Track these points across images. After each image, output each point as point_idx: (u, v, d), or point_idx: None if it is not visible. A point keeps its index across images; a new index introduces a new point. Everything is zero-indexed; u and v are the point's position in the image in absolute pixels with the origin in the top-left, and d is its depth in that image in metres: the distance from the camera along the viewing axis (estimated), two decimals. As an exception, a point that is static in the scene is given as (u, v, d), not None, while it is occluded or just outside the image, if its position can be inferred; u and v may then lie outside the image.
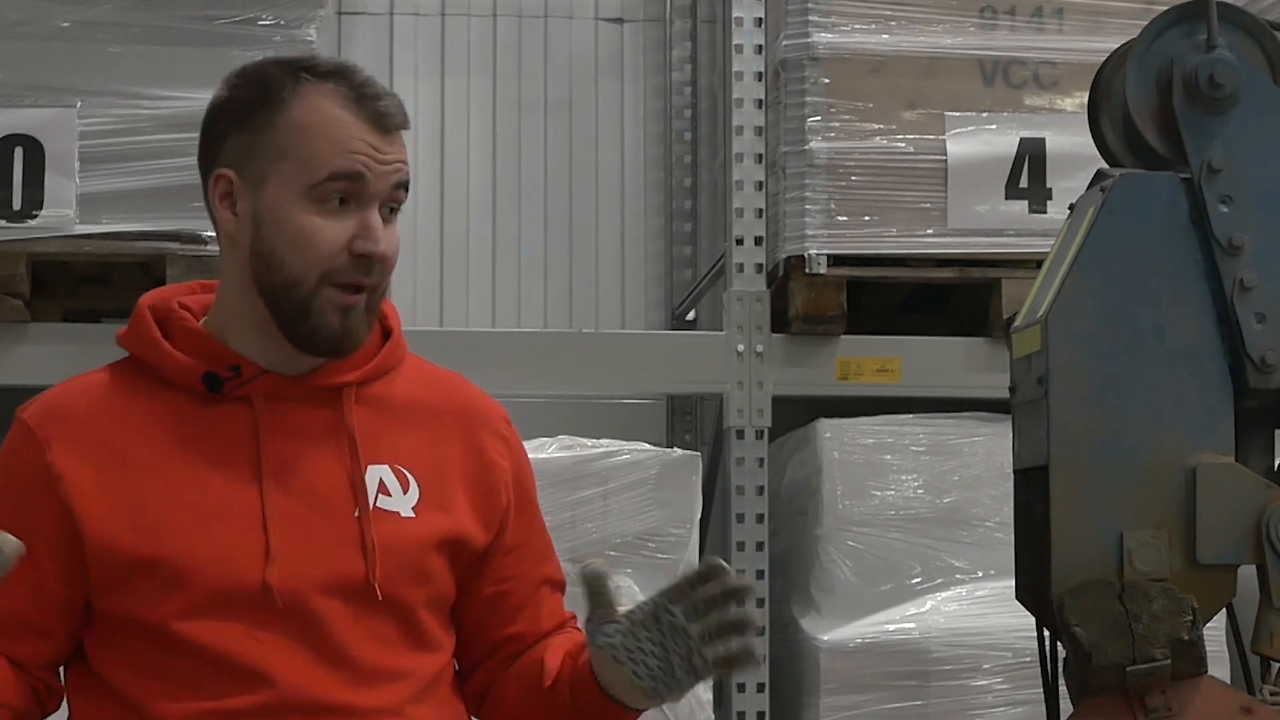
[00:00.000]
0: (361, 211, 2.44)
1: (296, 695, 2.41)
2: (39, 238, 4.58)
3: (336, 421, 2.51)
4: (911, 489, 4.85)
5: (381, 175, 2.44)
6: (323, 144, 2.43)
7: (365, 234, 2.43)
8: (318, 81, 2.47)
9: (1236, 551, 2.74)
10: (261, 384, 2.48)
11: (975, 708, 4.66)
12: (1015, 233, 4.94)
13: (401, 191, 2.48)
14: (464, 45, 6.22)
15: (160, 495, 2.42)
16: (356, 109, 2.45)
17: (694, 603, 2.39)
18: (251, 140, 2.46)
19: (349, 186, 2.43)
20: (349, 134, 2.44)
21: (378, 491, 2.51)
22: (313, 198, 2.42)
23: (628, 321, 6.20)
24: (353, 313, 2.45)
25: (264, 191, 2.45)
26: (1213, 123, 2.82)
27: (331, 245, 2.42)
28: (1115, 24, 4.94)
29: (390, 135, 2.47)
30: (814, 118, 4.92)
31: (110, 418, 2.48)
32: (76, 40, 4.63)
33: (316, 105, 2.45)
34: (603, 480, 4.61)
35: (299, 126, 2.44)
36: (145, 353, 2.51)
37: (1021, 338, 2.81)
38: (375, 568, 2.46)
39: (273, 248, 2.44)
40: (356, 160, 2.43)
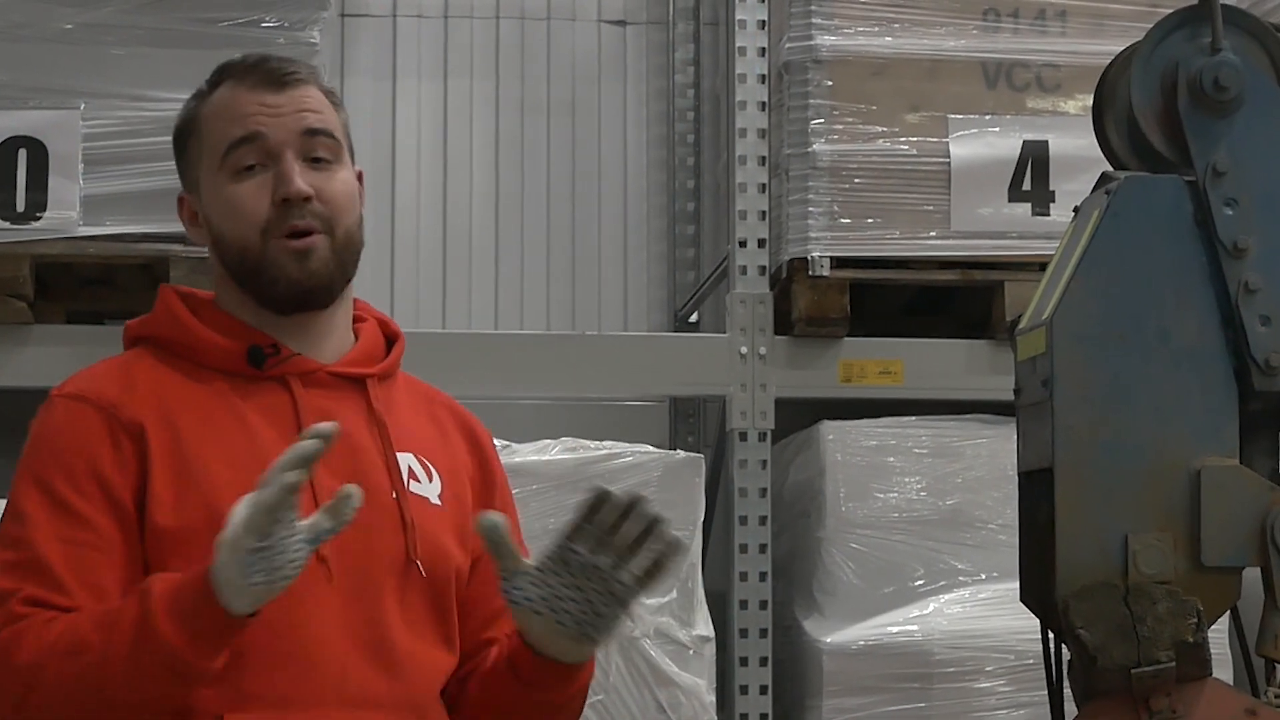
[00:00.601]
0: (277, 165, 2.52)
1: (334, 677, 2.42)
2: (42, 239, 4.58)
3: (364, 408, 2.56)
4: (914, 491, 4.85)
5: (279, 125, 2.53)
6: (221, 124, 2.55)
7: (279, 180, 2.51)
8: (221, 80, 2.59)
9: (1241, 554, 2.74)
10: (297, 363, 2.53)
11: (978, 710, 4.66)
12: (1018, 235, 4.94)
13: (321, 138, 2.55)
14: (467, 47, 6.21)
15: (216, 462, 2.44)
16: (244, 79, 2.57)
17: (595, 535, 2.38)
18: (186, 155, 2.61)
19: (252, 149, 2.53)
20: (239, 104, 2.55)
21: (409, 477, 2.55)
22: (226, 171, 2.53)
23: (630, 323, 6.20)
24: (310, 256, 2.51)
25: (201, 192, 2.58)
26: (1217, 125, 2.82)
27: (255, 203, 2.51)
28: (1118, 26, 4.94)
29: (286, 90, 2.56)
30: (817, 120, 4.92)
31: (154, 391, 2.49)
32: (80, 42, 4.63)
33: (216, 98, 2.58)
34: (605, 482, 4.55)
35: (206, 122, 2.57)
36: (178, 334, 2.55)
37: (1026, 340, 2.81)
38: (416, 546, 2.50)
39: (219, 230, 2.55)
40: (249, 122, 2.53)
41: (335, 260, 2.53)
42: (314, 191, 2.51)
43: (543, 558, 2.41)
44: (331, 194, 2.53)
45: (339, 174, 2.56)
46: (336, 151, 2.57)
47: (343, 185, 2.56)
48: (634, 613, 2.64)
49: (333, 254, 2.53)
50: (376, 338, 2.65)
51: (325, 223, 2.52)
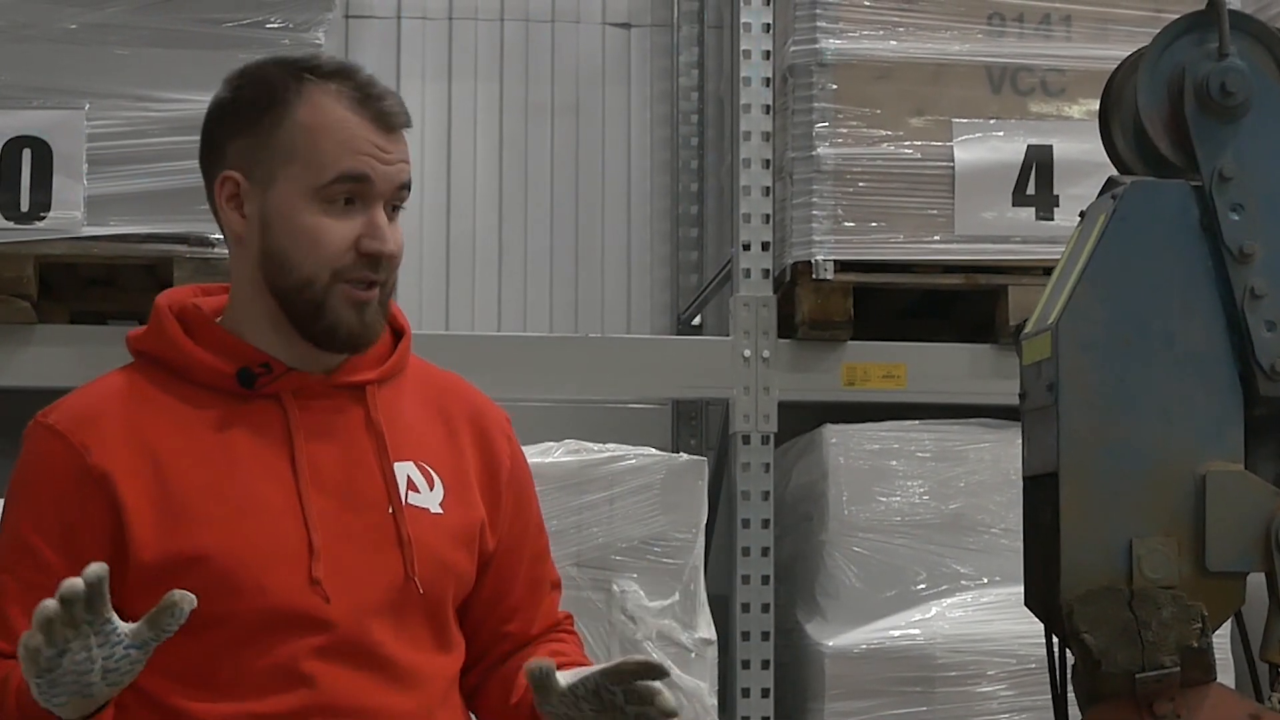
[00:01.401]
0: (367, 211, 2.47)
1: (334, 696, 2.42)
2: (46, 240, 4.57)
3: (362, 419, 2.53)
4: (917, 495, 4.85)
5: (386, 176, 2.47)
6: (330, 145, 2.45)
7: (372, 233, 2.46)
8: (321, 82, 2.49)
9: (1245, 559, 2.74)
10: (290, 380, 2.50)
11: (980, 714, 4.66)
12: (1022, 239, 4.93)
13: (405, 191, 2.51)
14: (471, 49, 6.22)
15: (201, 494, 2.42)
16: (361, 110, 2.48)
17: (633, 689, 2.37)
18: (257, 142, 2.48)
19: (355, 187, 2.46)
20: (355, 135, 2.46)
21: (407, 489, 2.53)
22: (320, 198, 2.45)
23: (633, 326, 6.20)
24: (368, 308, 2.47)
25: (272, 193, 2.47)
26: (1224, 130, 2.82)
27: (340, 245, 2.45)
28: (1123, 31, 4.93)
29: (394, 135, 2.50)
30: (821, 123, 4.91)
31: (140, 420, 2.47)
32: (84, 42, 4.62)
33: (321, 106, 2.47)
34: (608, 485, 4.60)
35: (305, 128, 2.46)
36: (169, 353, 2.51)
37: (1032, 344, 2.81)
38: (414, 564, 2.49)
39: (283, 249, 2.47)
40: (363, 161, 2.45)
41: (383, 310, 2.52)
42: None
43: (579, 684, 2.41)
44: (400, 250, 2.51)
45: (398, 225, 2.52)
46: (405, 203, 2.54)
47: (402, 238, 2.52)
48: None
49: (381, 306, 2.51)
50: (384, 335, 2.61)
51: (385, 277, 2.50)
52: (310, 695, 2.41)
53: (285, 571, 2.41)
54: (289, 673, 2.40)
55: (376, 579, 2.47)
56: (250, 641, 2.40)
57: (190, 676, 2.40)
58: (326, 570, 2.42)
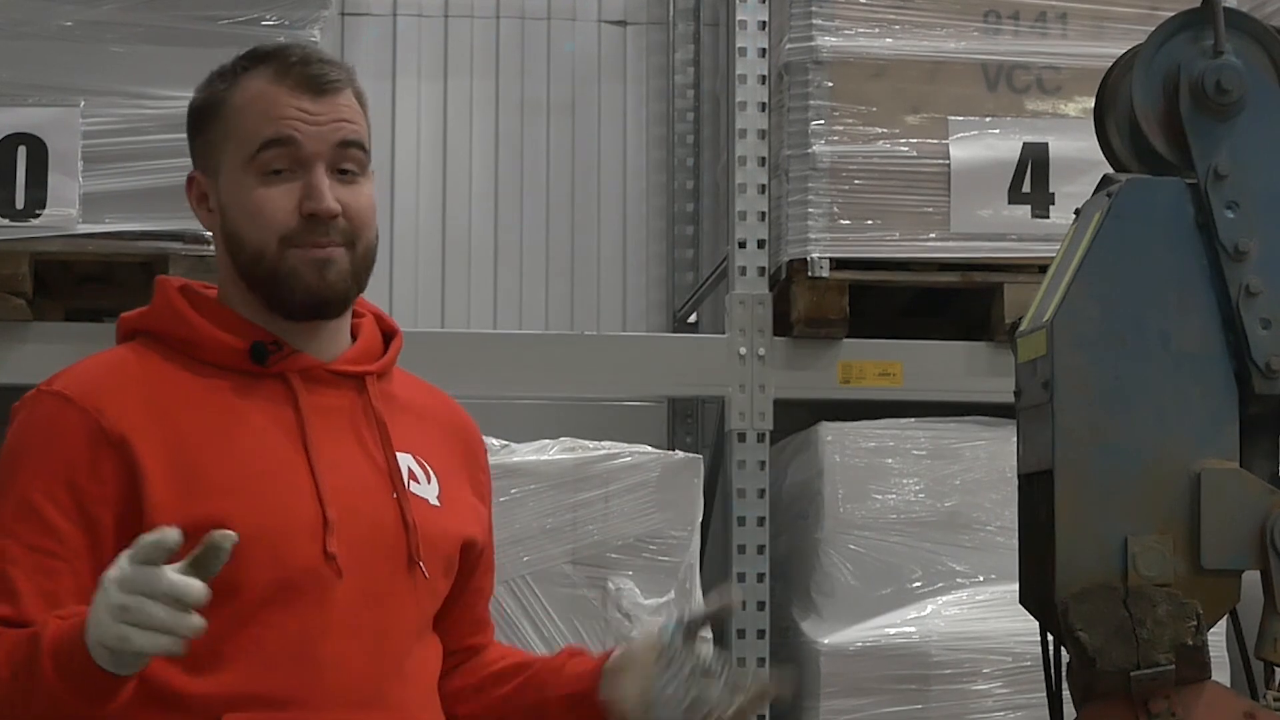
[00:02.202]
0: (307, 175, 2.48)
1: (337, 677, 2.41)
2: (42, 237, 4.58)
3: (363, 407, 2.55)
4: (913, 493, 4.85)
5: (316, 135, 2.49)
6: (253, 118, 2.49)
7: (309, 194, 2.47)
8: (253, 65, 2.54)
9: (1241, 557, 2.74)
10: (298, 360, 2.51)
11: (975, 712, 4.66)
12: (1018, 237, 4.93)
13: (351, 150, 2.52)
14: (467, 47, 6.21)
15: (217, 463, 2.41)
16: (283, 78, 2.51)
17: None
18: (205, 137, 2.55)
19: (284, 152, 2.48)
20: (275, 102, 2.49)
21: (408, 477, 2.54)
22: (254, 171, 2.49)
23: (629, 324, 6.20)
24: (329, 267, 2.49)
25: (220, 180, 2.53)
26: (1219, 128, 2.82)
27: (281, 211, 2.47)
28: (1119, 29, 4.93)
29: (326, 97, 2.51)
30: (817, 121, 4.91)
31: (152, 389, 2.46)
32: (80, 40, 4.63)
33: (249, 86, 2.52)
34: (604, 482, 4.60)
35: (235, 110, 2.51)
36: (178, 329, 2.52)
37: (1027, 342, 2.81)
38: (418, 546, 2.50)
39: (235, 228, 2.51)
40: (285, 125, 2.48)
41: (352, 274, 2.51)
42: (341, 207, 2.48)
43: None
44: (357, 209, 2.50)
45: (364, 187, 2.53)
46: (363, 163, 2.54)
47: (367, 200, 2.53)
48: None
49: (351, 268, 2.50)
50: (374, 334, 2.63)
51: (347, 237, 2.49)
52: (314, 676, 2.39)
53: (301, 544, 2.41)
54: (293, 651, 2.39)
55: (382, 560, 2.47)
56: (257, 615, 2.38)
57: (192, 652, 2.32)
58: (341, 545, 2.42)
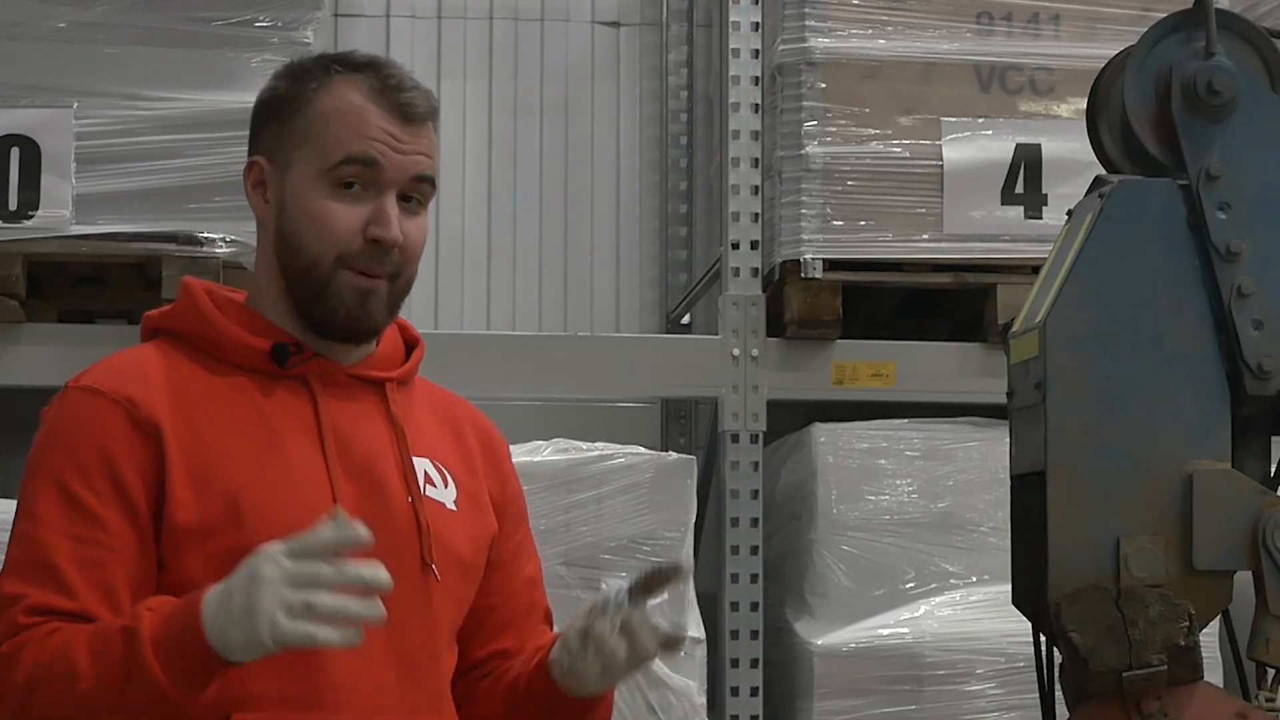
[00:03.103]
0: (378, 198, 2.48)
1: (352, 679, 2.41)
2: (35, 238, 4.58)
3: (382, 412, 2.55)
4: (906, 494, 4.86)
5: (398, 164, 2.48)
6: (341, 130, 2.48)
7: (379, 219, 2.47)
8: (347, 73, 2.52)
9: (1233, 558, 2.74)
10: (318, 364, 2.52)
11: (968, 713, 4.67)
12: (1011, 238, 4.94)
13: (424, 185, 2.52)
14: (460, 48, 6.22)
15: (236, 458, 2.42)
16: (379, 98, 2.50)
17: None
18: (281, 129, 2.53)
19: (364, 171, 2.47)
20: (367, 120, 2.48)
21: (424, 482, 2.55)
22: (329, 181, 2.48)
23: (623, 325, 6.20)
24: (371, 297, 2.50)
25: (288, 176, 2.51)
26: (1211, 129, 2.82)
27: (346, 229, 2.47)
28: (1111, 30, 4.94)
29: (412, 126, 2.51)
30: (810, 122, 4.92)
31: (175, 384, 2.47)
32: (73, 41, 4.63)
33: (341, 94, 2.50)
34: (597, 483, 4.61)
35: (322, 114, 2.50)
36: (202, 329, 2.52)
37: (1019, 343, 2.81)
38: (432, 550, 2.50)
39: (293, 230, 2.50)
40: (372, 146, 2.47)
41: (390, 304, 2.53)
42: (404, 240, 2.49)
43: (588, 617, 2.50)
44: (413, 242, 2.51)
45: (423, 220, 2.54)
46: (428, 197, 2.54)
47: (423, 234, 2.54)
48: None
49: (390, 298, 2.52)
50: (396, 343, 2.64)
51: (396, 269, 2.50)
52: (325, 677, 2.39)
53: None
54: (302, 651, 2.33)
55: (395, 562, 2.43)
56: None
57: None
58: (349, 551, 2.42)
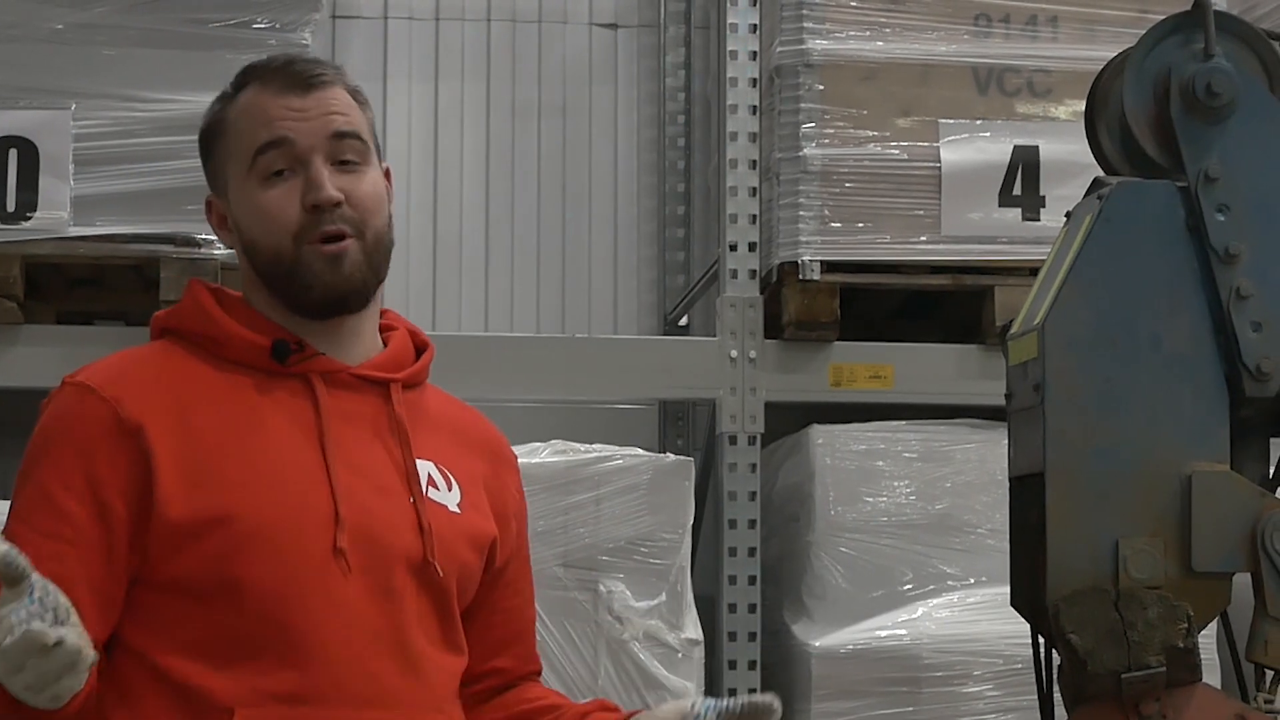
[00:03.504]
0: (306, 171, 2.51)
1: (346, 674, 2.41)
2: (33, 239, 4.57)
3: (385, 412, 2.56)
4: (904, 495, 4.85)
5: (307, 130, 2.52)
6: (248, 128, 2.54)
7: (309, 186, 2.50)
8: (247, 82, 2.58)
9: (1231, 559, 2.74)
10: (320, 363, 2.53)
11: (966, 714, 4.66)
12: (1008, 240, 4.94)
13: (348, 140, 2.54)
14: (458, 49, 6.21)
15: (229, 458, 2.43)
16: (269, 84, 2.55)
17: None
18: (215, 160, 2.60)
19: (280, 154, 2.51)
20: (265, 108, 2.53)
21: (427, 484, 2.55)
22: (255, 176, 2.52)
23: (620, 327, 6.20)
24: (343, 260, 2.51)
25: (230, 196, 2.57)
26: (1210, 131, 2.83)
27: (286, 209, 2.50)
28: (1109, 32, 4.94)
29: (312, 93, 2.54)
30: (808, 124, 4.92)
31: (172, 383, 2.49)
32: (71, 42, 4.63)
33: (242, 101, 2.56)
34: (595, 485, 4.60)
35: (233, 126, 2.56)
36: (205, 327, 2.54)
37: (1018, 345, 2.81)
38: (434, 548, 2.50)
39: (251, 235, 2.54)
40: (276, 127, 2.51)
41: (367, 263, 2.53)
42: (343, 196, 2.50)
43: None
44: (360, 196, 2.52)
45: (367, 175, 2.56)
46: (364, 153, 2.56)
47: (371, 186, 2.55)
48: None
49: (364, 256, 2.52)
50: (406, 346, 2.65)
51: (355, 226, 2.51)
52: (324, 673, 2.39)
53: (309, 539, 2.42)
54: (303, 647, 2.39)
55: (396, 560, 2.48)
56: (267, 611, 2.39)
57: (204, 647, 2.39)
58: (352, 541, 2.43)
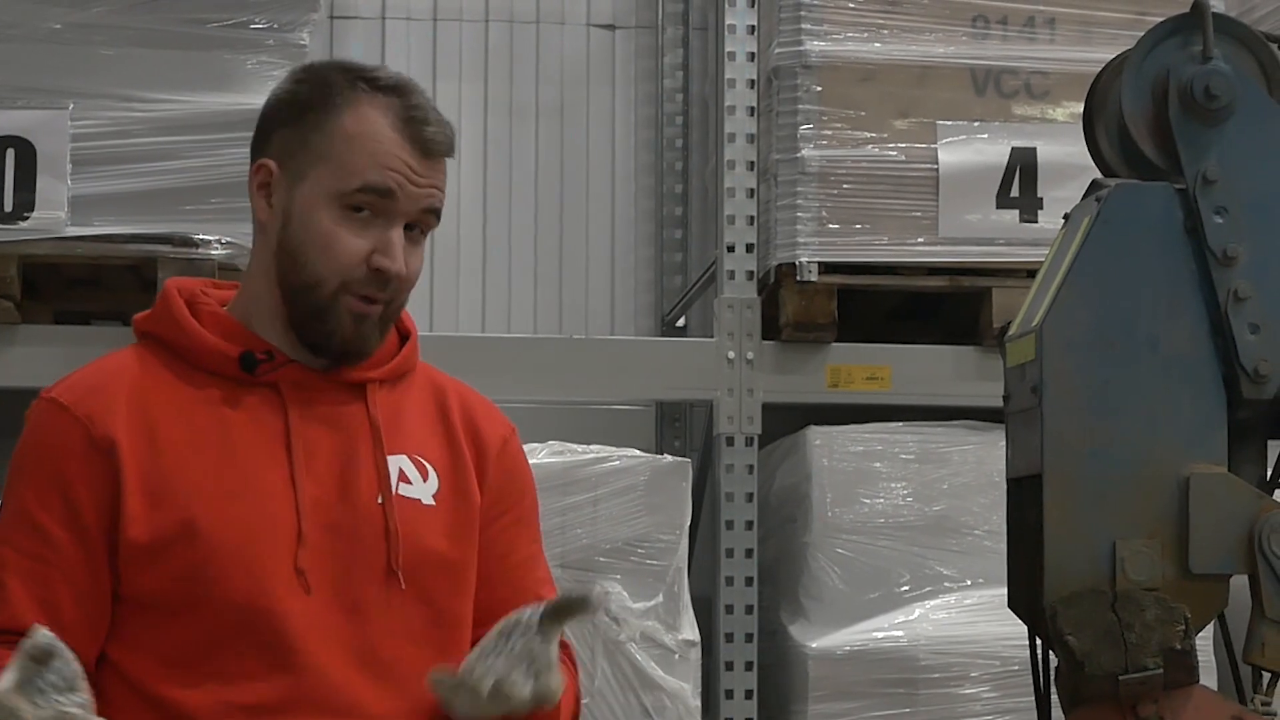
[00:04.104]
0: (387, 228, 2.48)
1: (317, 688, 2.41)
2: (30, 239, 4.57)
3: (359, 413, 2.55)
4: (901, 497, 4.86)
5: (412, 196, 2.49)
6: (362, 155, 2.48)
7: (385, 250, 2.48)
8: (373, 94, 2.51)
9: (1229, 561, 2.74)
10: (291, 371, 2.52)
11: (963, 716, 4.67)
12: (1006, 242, 4.94)
13: (431, 217, 2.53)
14: (456, 50, 6.22)
15: (193, 473, 2.43)
16: (403, 128, 2.50)
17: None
18: (298, 137, 2.52)
19: (378, 201, 2.48)
20: (389, 150, 2.48)
21: (399, 480, 2.53)
22: (342, 205, 2.48)
23: (618, 328, 6.20)
24: (366, 322, 2.50)
25: (299, 189, 2.51)
26: (1208, 134, 2.82)
27: (352, 255, 2.47)
28: (1106, 34, 4.95)
29: (430, 160, 2.51)
30: (806, 125, 4.92)
31: (142, 396, 2.48)
32: (69, 42, 4.62)
33: (366, 116, 2.50)
34: (593, 486, 4.61)
35: (344, 134, 2.49)
36: (176, 335, 2.53)
37: (1016, 346, 2.81)
38: (399, 555, 2.49)
39: (298, 246, 2.50)
40: (390, 177, 2.47)
41: (381, 328, 2.54)
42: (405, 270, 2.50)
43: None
44: (412, 271, 2.52)
45: (422, 249, 2.55)
46: (431, 228, 2.56)
47: (420, 262, 2.55)
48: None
49: (382, 323, 2.53)
50: (390, 337, 2.62)
51: (393, 295, 2.51)
52: (294, 686, 2.40)
53: (271, 558, 2.42)
54: (271, 661, 2.40)
55: (364, 570, 2.47)
56: (233, 627, 2.39)
57: (175, 660, 2.40)
58: (313, 559, 2.43)
